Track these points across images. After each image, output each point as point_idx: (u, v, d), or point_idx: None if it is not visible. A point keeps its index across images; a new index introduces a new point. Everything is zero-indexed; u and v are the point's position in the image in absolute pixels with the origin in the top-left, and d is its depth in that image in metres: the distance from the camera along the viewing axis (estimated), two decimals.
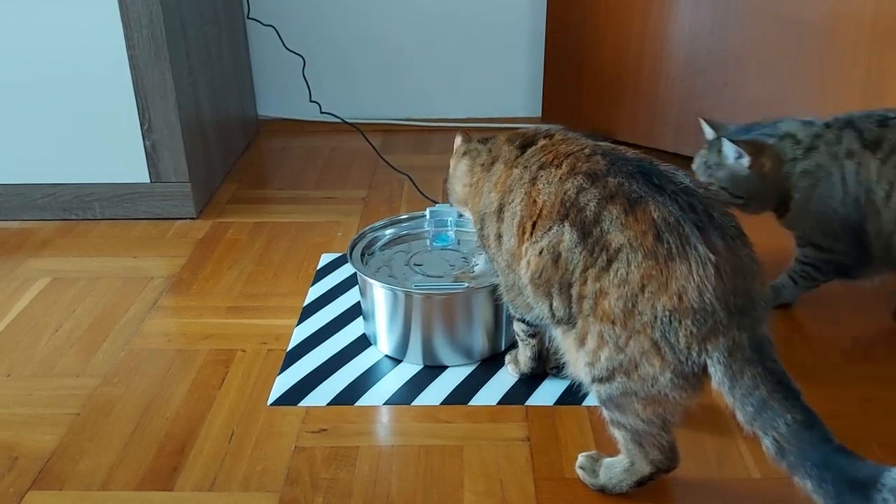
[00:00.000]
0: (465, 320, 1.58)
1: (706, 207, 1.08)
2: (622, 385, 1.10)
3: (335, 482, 1.30)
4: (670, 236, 1.05)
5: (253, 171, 2.66)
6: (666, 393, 1.08)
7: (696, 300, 1.02)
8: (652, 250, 1.05)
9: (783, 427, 0.98)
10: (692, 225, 1.05)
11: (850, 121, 1.58)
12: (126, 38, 2.06)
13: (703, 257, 1.03)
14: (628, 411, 1.13)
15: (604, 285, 1.08)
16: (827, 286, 1.70)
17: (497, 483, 1.30)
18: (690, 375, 1.06)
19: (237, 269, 1.99)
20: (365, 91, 3.05)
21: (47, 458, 1.37)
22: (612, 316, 1.07)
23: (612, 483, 1.23)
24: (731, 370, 1.02)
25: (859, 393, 1.51)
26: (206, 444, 1.39)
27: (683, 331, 1.03)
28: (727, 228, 1.08)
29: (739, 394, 1.02)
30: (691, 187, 1.11)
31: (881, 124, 1.55)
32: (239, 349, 1.66)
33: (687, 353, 1.04)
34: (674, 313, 1.03)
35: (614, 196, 1.11)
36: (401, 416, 1.47)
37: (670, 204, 1.07)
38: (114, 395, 1.53)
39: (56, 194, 2.24)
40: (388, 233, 1.79)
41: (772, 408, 0.99)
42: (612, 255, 1.08)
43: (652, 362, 1.06)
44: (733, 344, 1.02)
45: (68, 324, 1.76)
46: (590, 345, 1.12)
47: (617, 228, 1.08)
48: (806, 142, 1.59)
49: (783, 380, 1.01)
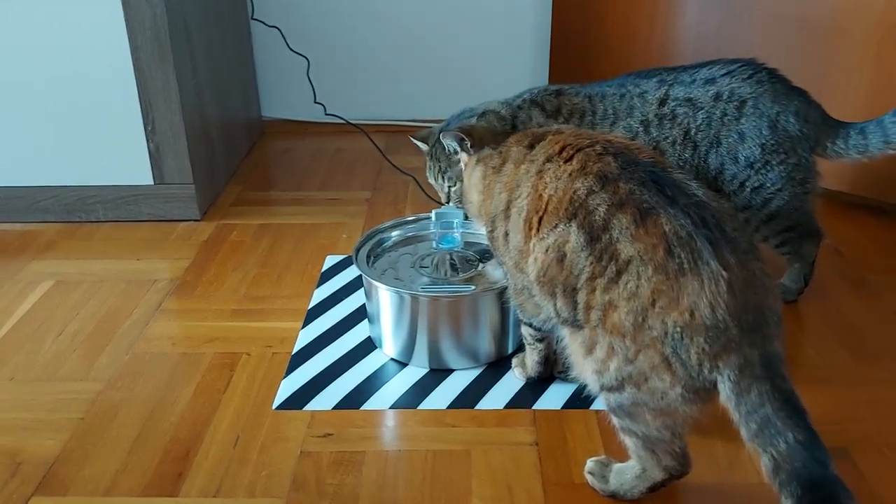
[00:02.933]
0: (471, 323, 1.57)
1: (718, 221, 1.06)
2: (632, 395, 1.09)
3: (341, 488, 1.29)
4: (682, 251, 1.03)
5: (257, 173, 2.65)
6: (676, 407, 1.07)
7: (708, 317, 1.00)
8: (662, 265, 1.03)
9: (783, 445, 0.97)
10: (704, 239, 1.03)
11: (532, 99, 1.76)
12: (129, 39, 2.05)
13: (716, 273, 1.01)
14: (639, 420, 1.12)
15: (613, 298, 1.06)
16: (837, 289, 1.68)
17: (505, 488, 1.29)
18: (701, 390, 1.04)
19: (241, 272, 1.98)
20: (369, 92, 3.03)
21: (51, 464, 1.35)
22: (621, 329, 1.06)
23: (624, 489, 1.22)
24: (739, 387, 1.01)
25: (868, 395, 1.50)
26: (211, 450, 1.38)
27: (695, 348, 1.01)
28: (739, 243, 1.06)
29: (745, 410, 1.01)
30: (704, 200, 1.09)
31: (557, 95, 1.74)
32: (244, 352, 1.65)
33: (698, 370, 1.02)
34: (685, 329, 1.01)
35: (624, 204, 1.09)
36: (407, 420, 1.46)
37: (682, 217, 1.05)
38: (118, 399, 1.52)
39: (59, 196, 2.23)
40: (394, 235, 1.77)
41: (775, 426, 0.98)
42: (622, 267, 1.06)
43: (662, 377, 1.05)
44: (744, 361, 1.01)
45: (72, 327, 1.75)
46: (598, 354, 1.10)
47: (626, 239, 1.06)
48: (509, 119, 1.74)
49: (790, 398, 1.00)
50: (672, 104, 1.66)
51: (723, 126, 1.63)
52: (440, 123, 1.87)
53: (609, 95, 1.72)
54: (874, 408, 1.47)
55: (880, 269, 1.94)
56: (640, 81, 1.72)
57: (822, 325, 1.71)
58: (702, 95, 1.65)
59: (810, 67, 2.17)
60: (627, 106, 1.69)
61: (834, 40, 2.13)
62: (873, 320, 1.73)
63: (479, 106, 1.80)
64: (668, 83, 1.68)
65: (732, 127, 1.63)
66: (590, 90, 1.74)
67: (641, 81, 1.71)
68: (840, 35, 2.13)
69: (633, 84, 1.72)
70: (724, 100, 1.63)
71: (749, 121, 1.62)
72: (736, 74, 1.65)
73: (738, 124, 1.63)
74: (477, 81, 2.99)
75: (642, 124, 1.68)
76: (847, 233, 2.12)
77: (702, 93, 1.65)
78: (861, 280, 1.89)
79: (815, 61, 2.16)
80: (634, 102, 1.69)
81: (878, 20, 2.05)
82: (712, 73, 1.67)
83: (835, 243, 2.06)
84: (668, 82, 1.69)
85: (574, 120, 1.71)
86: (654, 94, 1.68)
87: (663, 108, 1.67)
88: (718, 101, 1.64)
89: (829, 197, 2.29)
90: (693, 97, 1.66)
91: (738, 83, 1.64)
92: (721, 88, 1.64)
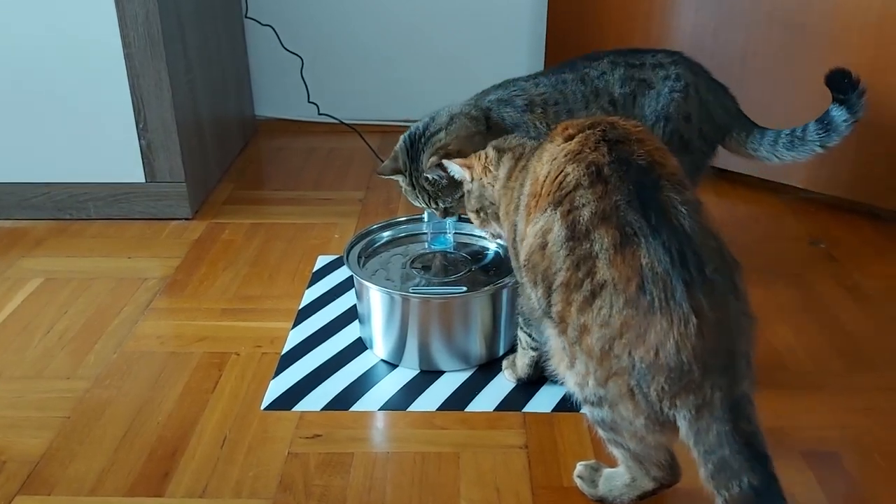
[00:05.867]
0: (462, 325, 1.56)
1: (699, 259, 1.02)
2: (610, 414, 1.08)
3: (329, 489, 1.28)
4: (654, 288, 1.00)
5: (250, 172, 2.64)
6: (643, 434, 1.07)
7: (672, 358, 0.98)
8: (634, 300, 1.00)
9: (736, 489, 0.96)
10: (679, 280, 0.99)
11: (499, 98, 1.73)
12: (122, 35, 2.04)
13: (686, 315, 0.98)
14: (621, 435, 1.11)
15: (587, 321, 1.04)
16: (831, 294, 1.68)
17: (494, 491, 1.28)
18: (666, 422, 1.03)
19: (232, 271, 1.96)
20: (363, 91, 3.02)
21: (36, 463, 1.34)
22: (593, 353, 1.04)
23: (613, 496, 1.21)
24: (697, 426, 1.00)
25: (861, 402, 1.49)
26: (199, 449, 1.37)
27: (655, 385, 1.00)
28: (716, 284, 1.02)
29: (702, 450, 0.99)
30: (689, 232, 1.04)
31: (522, 91, 1.73)
32: (233, 352, 1.64)
33: (658, 405, 1.01)
34: (650, 367, 1.00)
35: (608, 218, 1.05)
36: (396, 421, 1.45)
37: (662, 252, 1.01)
38: (105, 398, 1.50)
39: (50, 193, 2.22)
40: (386, 235, 1.76)
41: (731, 468, 0.97)
42: (596, 289, 1.03)
43: (627, 406, 1.04)
44: (702, 402, 0.99)
45: (60, 325, 1.74)
46: (579, 368, 1.09)
47: (605, 261, 1.03)
48: (482, 119, 1.69)
49: (752, 442, 0.98)
50: (632, 84, 1.71)
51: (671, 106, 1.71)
52: (396, 148, 1.71)
53: (570, 81, 1.73)
54: (868, 414, 1.46)
55: (875, 274, 1.94)
56: (592, 64, 1.75)
57: (816, 330, 1.71)
58: (653, 77, 1.72)
59: (804, 71, 2.17)
60: (593, 89, 1.72)
61: (828, 45, 2.13)
62: (867, 326, 1.73)
63: (437, 116, 1.70)
64: (620, 65, 1.73)
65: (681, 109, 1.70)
66: (546, 80, 1.75)
67: (593, 64, 1.75)
68: (834, 40, 2.12)
69: (588, 66, 1.74)
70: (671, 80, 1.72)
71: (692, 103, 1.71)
72: (680, 63, 1.74)
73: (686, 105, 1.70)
74: (471, 81, 2.97)
75: (611, 104, 1.70)
76: (841, 238, 2.12)
77: (652, 75, 1.72)
78: (855, 285, 1.88)
79: (808, 65, 2.16)
80: (597, 84, 1.72)
81: (872, 26, 2.05)
82: (658, 59, 1.74)
83: (829, 248, 2.06)
84: (619, 64, 1.73)
85: (550, 108, 1.70)
86: (613, 76, 1.72)
87: (624, 89, 1.71)
88: (666, 82, 1.71)
89: (823, 202, 2.29)
90: (646, 79, 1.72)
91: (682, 69, 1.73)
92: (668, 72, 1.72)
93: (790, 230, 2.18)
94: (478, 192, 1.42)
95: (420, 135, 1.67)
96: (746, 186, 2.38)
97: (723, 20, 2.33)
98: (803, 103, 2.15)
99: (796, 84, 2.21)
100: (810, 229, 2.17)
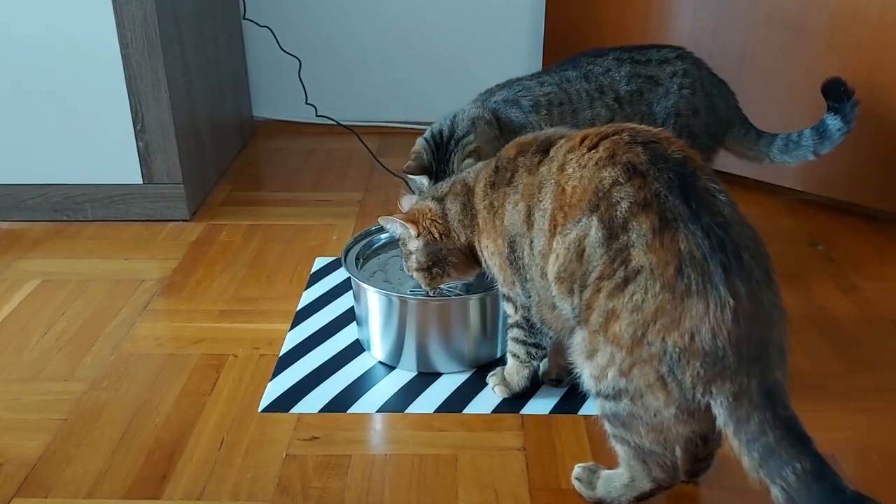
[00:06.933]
0: (460, 326, 1.56)
1: (737, 246, 1.02)
2: (628, 407, 1.08)
3: (327, 491, 1.28)
4: (692, 272, 1.00)
5: (247, 173, 2.64)
6: (669, 425, 1.06)
7: (707, 342, 0.98)
8: (671, 283, 1.01)
9: (791, 476, 0.95)
10: (718, 264, 1.00)
11: (505, 99, 1.76)
12: (119, 36, 2.04)
13: (723, 300, 0.99)
14: (633, 430, 1.10)
15: (616, 306, 1.04)
16: (829, 295, 1.68)
17: (492, 493, 1.27)
18: (696, 412, 1.03)
19: (230, 273, 1.96)
20: (361, 93, 3.02)
21: (33, 465, 1.34)
22: (620, 340, 1.04)
23: (611, 497, 1.21)
24: (737, 414, 0.99)
25: (860, 404, 1.49)
26: (196, 452, 1.37)
27: (691, 371, 1.00)
28: (754, 271, 1.02)
29: (745, 438, 0.99)
30: (728, 220, 1.05)
31: (526, 90, 1.75)
32: (230, 354, 1.63)
33: (692, 392, 1.01)
34: (684, 352, 1.00)
35: (648, 206, 1.05)
36: (394, 423, 1.45)
37: (701, 236, 1.01)
38: (102, 400, 1.50)
39: (47, 195, 2.21)
40: (384, 237, 1.76)
41: (779, 455, 0.96)
42: (630, 275, 1.03)
43: (657, 395, 1.03)
44: (739, 389, 0.99)
45: (57, 327, 1.73)
46: (599, 360, 1.08)
47: (641, 247, 1.03)
48: (494, 121, 1.73)
49: (793, 426, 0.98)
50: (639, 81, 1.73)
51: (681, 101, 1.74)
52: (417, 148, 1.71)
53: (574, 79, 1.75)
54: (866, 415, 1.46)
55: (872, 275, 1.94)
56: (597, 61, 1.76)
57: (814, 331, 1.71)
58: (660, 74, 1.74)
59: (802, 72, 2.17)
60: (597, 86, 1.73)
61: (826, 46, 2.13)
62: (865, 327, 1.73)
63: (456, 120, 1.70)
64: (626, 62, 1.75)
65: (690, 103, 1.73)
66: (551, 78, 1.76)
67: (598, 60, 1.76)
68: (833, 41, 2.12)
69: (592, 63, 1.77)
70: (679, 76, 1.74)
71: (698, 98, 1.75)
72: (685, 58, 1.77)
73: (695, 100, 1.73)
74: (469, 82, 2.96)
75: (616, 101, 1.72)
76: (839, 239, 2.12)
77: (659, 71, 1.75)
78: (853, 286, 1.88)
79: (807, 67, 2.16)
80: (602, 81, 1.74)
81: (871, 27, 2.05)
82: (664, 55, 1.76)
83: (827, 250, 2.05)
84: (624, 61, 1.75)
85: (555, 109, 1.72)
86: (619, 73, 1.74)
87: (630, 86, 1.73)
88: (674, 78, 1.74)
89: (820, 203, 2.29)
90: (654, 75, 1.74)
91: (688, 65, 1.75)
92: (676, 68, 1.75)
93: (788, 232, 2.18)
94: (425, 248, 1.43)
95: (448, 137, 1.69)
96: (743, 188, 2.38)
97: (721, 21, 2.33)
98: (802, 104, 2.16)
99: (795, 85, 2.21)
100: (808, 231, 2.17)
